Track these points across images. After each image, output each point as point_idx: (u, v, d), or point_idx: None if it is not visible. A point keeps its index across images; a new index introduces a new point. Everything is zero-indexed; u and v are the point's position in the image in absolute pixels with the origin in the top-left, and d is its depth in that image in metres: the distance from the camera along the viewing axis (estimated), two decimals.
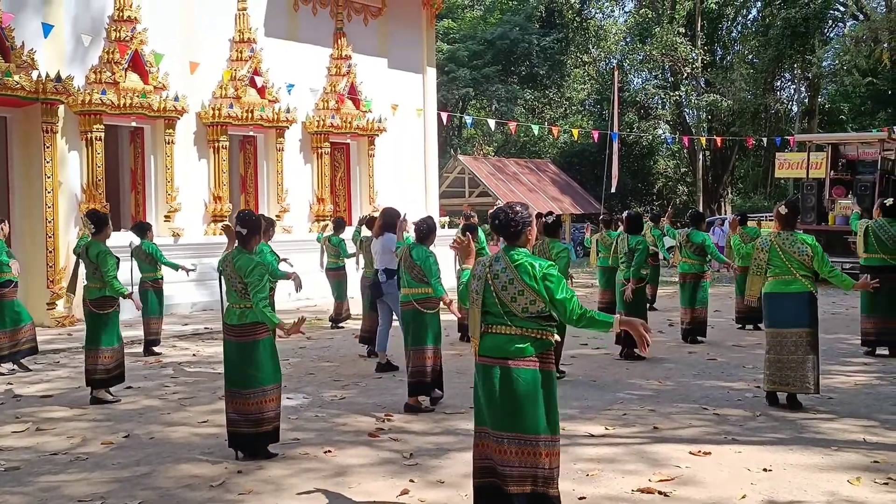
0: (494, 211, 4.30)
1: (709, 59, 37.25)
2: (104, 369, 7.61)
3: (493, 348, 4.17)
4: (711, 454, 5.69)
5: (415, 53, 19.75)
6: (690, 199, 39.12)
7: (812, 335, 7.04)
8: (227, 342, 5.89)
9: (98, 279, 7.56)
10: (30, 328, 9.39)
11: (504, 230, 4.22)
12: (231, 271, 5.81)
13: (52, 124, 12.77)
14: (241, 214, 6.02)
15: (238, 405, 5.75)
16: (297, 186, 16.93)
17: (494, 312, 4.18)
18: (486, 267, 4.23)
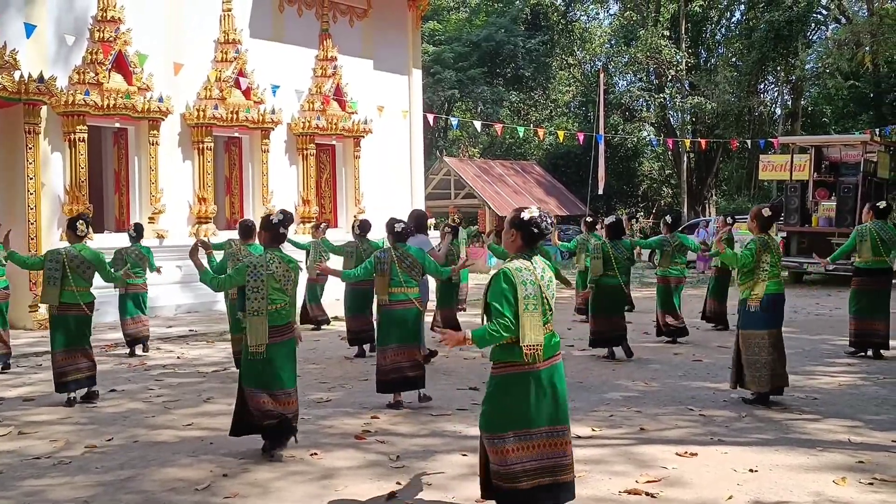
0: (540, 216, 4.30)
1: (693, 61, 37.44)
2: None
3: (551, 347, 4.32)
4: (698, 455, 5.70)
5: (400, 55, 19.73)
6: (675, 201, 39.30)
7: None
8: (283, 342, 5.84)
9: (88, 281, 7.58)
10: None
11: (543, 236, 4.32)
12: (284, 271, 5.81)
13: (34, 125, 12.66)
14: (289, 215, 6.01)
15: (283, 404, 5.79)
16: (283, 188, 16.86)
17: (544, 312, 4.29)
18: (533, 272, 4.25)
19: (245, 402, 5.83)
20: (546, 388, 4.28)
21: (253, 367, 5.80)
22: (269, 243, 5.92)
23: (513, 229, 4.34)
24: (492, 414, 4.33)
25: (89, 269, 7.61)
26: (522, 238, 4.31)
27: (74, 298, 7.50)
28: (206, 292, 14.88)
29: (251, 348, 5.76)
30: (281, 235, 5.90)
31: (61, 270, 7.46)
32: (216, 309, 14.66)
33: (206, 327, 12.77)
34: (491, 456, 4.33)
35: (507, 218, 4.44)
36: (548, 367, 4.29)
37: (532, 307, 4.19)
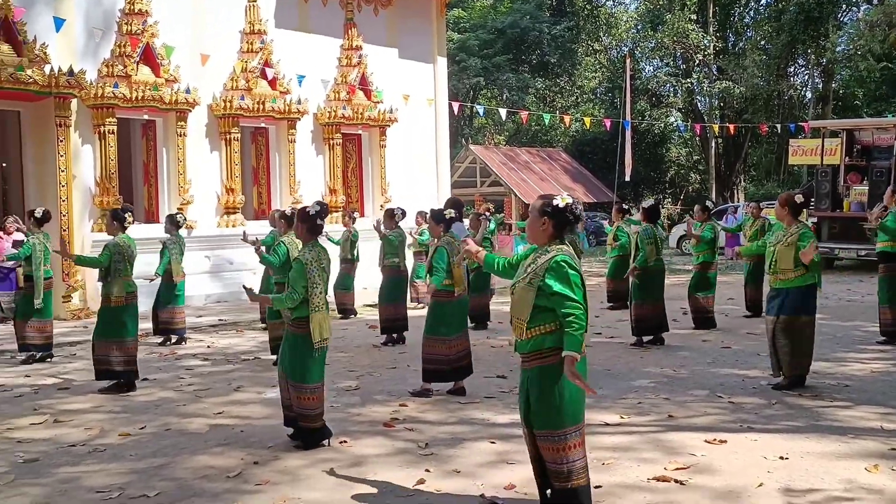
0: (574, 202, 4.21)
1: (721, 45, 36.99)
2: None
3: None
4: (727, 442, 5.67)
5: (425, 43, 19.69)
6: (703, 187, 38.93)
7: None
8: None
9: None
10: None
11: (577, 222, 4.28)
12: (329, 264, 5.86)
13: (65, 118, 12.81)
14: (325, 206, 5.98)
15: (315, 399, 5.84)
16: (309, 178, 16.93)
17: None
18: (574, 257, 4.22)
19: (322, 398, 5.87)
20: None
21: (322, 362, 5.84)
22: (308, 236, 5.86)
23: (544, 217, 4.18)
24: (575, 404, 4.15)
25: (134, 258, 7.86)
26: (555, 226, 4.17)
27: (131, 288, 7.80)
28: (235, 282, 15.03)
29: (317, 344, 5.69)
30: (319, 227, 5.86)
31: (124, 262, 7.70)
32: (245, 299, 14.77)
33: (235, 316, 12.89)
34: (575, 450, 4.14)
35: (535, 206, 4.24)
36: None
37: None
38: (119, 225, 7.90)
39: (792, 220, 7.18)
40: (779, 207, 7.29)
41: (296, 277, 5.67)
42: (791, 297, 7.12)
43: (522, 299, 4.14)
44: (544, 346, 4.11)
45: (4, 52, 12.04)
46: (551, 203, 4.18)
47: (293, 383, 5.73)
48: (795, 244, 7.02)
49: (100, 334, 7.78)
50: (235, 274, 15.02)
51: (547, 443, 4.13)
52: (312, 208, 5.85)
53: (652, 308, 9.70)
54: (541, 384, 4.11)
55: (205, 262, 14.63)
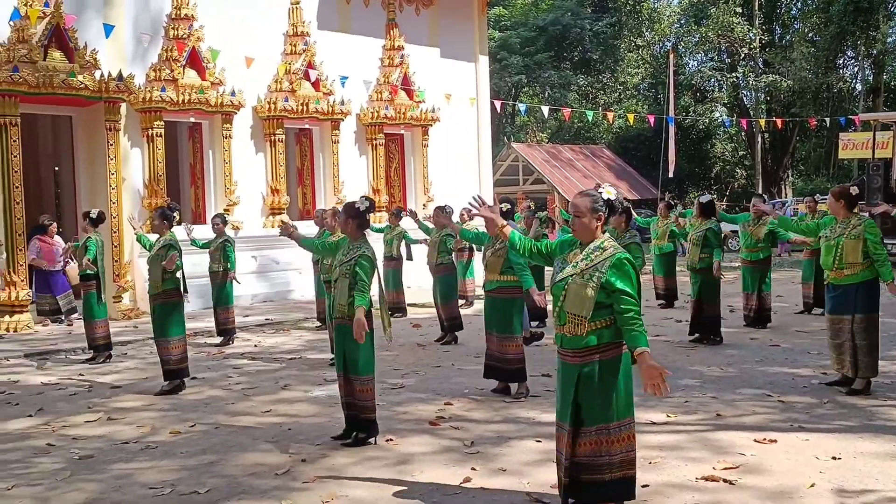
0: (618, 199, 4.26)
1: (767, 38, 36.37)
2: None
3: None
4: (777, 442, 5.59)
5: (467, 42, 19.69)
6: (749, 183, 38.35)
7: None
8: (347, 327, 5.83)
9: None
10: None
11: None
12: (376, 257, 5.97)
13: (114, 122, 13.08)
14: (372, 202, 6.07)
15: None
16: (353, 178, 17.05)
17: None
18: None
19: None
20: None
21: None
22: (357, 232, 5.90)
23: (599, 213, 4.17)
24: (630, 396, 4.26)
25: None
26: (605, 221, 4.23)
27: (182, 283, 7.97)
28: (281, 281, 15.21)
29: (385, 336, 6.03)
30: (367, 222, 5.98)
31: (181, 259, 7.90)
32: (291, 298, 14.97)
33: (281, 316, 13.03)
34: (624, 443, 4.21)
35: (584, 203, 4.19)
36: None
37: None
38: (168, 224, 8.04)
39: (848, 212, 7.00)
40: (832, 201, 7.09)
41: (367, 273, 5.76)
42: (863, 292, 6.88)
43: (580, 295, 4.13)
44: (603, 342, 4.16)
45: (56, 59, 12.33)
46: (601, 198, 4.20)
47: (360, 377, 5.85)
48: (863, 236, 6.81)
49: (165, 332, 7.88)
50: (281, 274, 15.21)
51: (597, 437, 4.16)
52: (361, 203, 5.90)
53: (711, 308, 9.59)
54: (602, 378, 4.16)
55: (251, 262, 14.81)
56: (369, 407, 5.87)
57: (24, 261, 12.20)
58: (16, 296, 11.99)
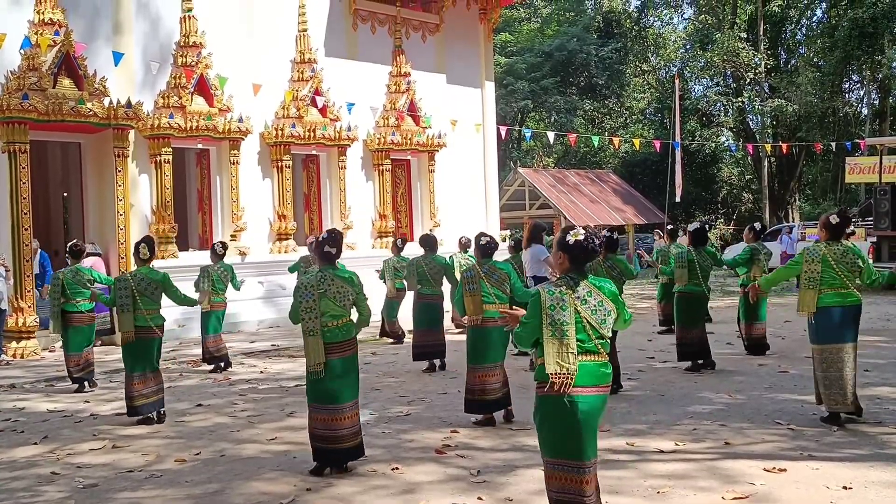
0: (587, 237, 4.22)
1: (772, 63, 36.49)
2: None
3: (596, 376, 4.17)
4: (787, 471, 5.53)
5: (473, 68, 19.82)
6: (756, 207, 38.31)
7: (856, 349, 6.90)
8: (335, 361, 5.85)
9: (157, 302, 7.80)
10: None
11: (593, 255, 4.30)
12: (339, 288, 5.90)
13: (123, 149, 13.18)
14: (332, 234, 6.07)
15: (334, 420, 5.83)
16: (360, 203, 17.11)
17: (584, 339, 4.16)
18: (569, 293, 4.17)
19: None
20: (580, 415, 4.10)
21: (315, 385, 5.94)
22: (320, 262, 6.10)
23: (560, 251, 4.27)
24: (540, 437, 4.30)
25: (157, 290, 7.74)
26: (569, 260, 4.25)
27: (146, 322, 7.62)
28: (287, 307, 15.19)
29: (309, 367, 5.89)
30: (326, 254, 6.00)
31: (131, 296, 7.59)
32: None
33: (288, 342, 13.01)
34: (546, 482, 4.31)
35: (555, 238, 4.37)
36: (583, 395, 4.11)
37: (556, 334, 4.11)
38: (137, 258, 7.92)
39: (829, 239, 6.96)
40: (819, 229, 7.05)
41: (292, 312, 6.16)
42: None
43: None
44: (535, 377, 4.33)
45: (66, 87, 12.45)
46: (564, 238, 4.26)
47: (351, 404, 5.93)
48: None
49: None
50: (288, 299, 15.17)
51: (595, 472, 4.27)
52: (314, 236, 6.19)
53: (691, 333, 9.54)
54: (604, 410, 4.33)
55: (258, 287, 14.83)
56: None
57: (31, 287, 12.24)
58: (23, 322, 12.01)
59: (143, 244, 7.86)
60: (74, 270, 9.34)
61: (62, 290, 9.22)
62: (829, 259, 6.76)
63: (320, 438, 5.85)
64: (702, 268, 9.55)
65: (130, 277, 7.74)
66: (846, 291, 6.78)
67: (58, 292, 9.23)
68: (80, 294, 9.30)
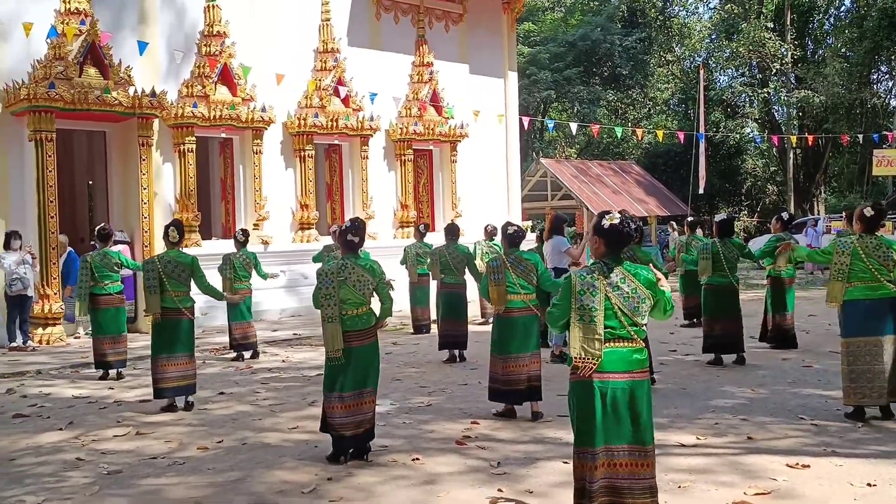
0: (623, 222, 4.21)
1: (799, 53, 36.03)
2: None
3: (628, 362, 4.15)
4: (810, 467, 5.48)
5: (496, 58, 19.75)
6: (780, 199, 37.94)
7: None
8: (355, 349, 5.91)
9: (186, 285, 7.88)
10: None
11: (629, 239, 4.26)
12: (359, 276, 5.93)
13: (147, 138, 13.27)
14: (355, 223, 6.09)
15: (356, 406, 5.88)
16: (382, 193, 17.13)
17: (615, 326, 4.15)
18: (601, 279, 4.15)
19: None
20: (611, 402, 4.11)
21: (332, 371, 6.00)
22: (343, 250, 6.15)
23: (595, 236, 4.28)
24: (575, 424, 4.27)
25: (184, 272, 7.79)
26: (605, 245, 4.25)
27: (174, 303, 7.71)
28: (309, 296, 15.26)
29: (328, 354, 5.95)
30: (349, 243, 6.04)
31: (157, 278, 7.66)
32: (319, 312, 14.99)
33: (310, 331, 13.08)
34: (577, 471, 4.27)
35: (592, 223, 4.38)
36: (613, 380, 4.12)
37: (584, 319, 4.11)
38: (166, 240, 8.02)
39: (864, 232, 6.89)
40: (854, 221, 6.97)
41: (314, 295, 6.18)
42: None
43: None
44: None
45: (92, 76, 12.54)
46: (600, 222, 4.26)
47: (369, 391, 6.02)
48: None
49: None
50: (310, 288, 15.23)
51: (648, 458, 4.19)
52: (337, 226, 6.20)
53: (716, 325, 9.46)
54: (649, 396, 4.26)
55: (280, 276, 14.89)
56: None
57: (57, 274, 12.38)
58: (48, 308, 12.16)
59: (172, 227, 7.96)
60: (103, 254, 9.47)
61: (91, 274, 9.34)
62: (860, 251, 6.71)
63: (336, 427, 5.88)
64: (727, 259, 9.44)
65: (158, 260, 7.83)
66: (876, 284, 6.70)
67: (87, 275, 9.36)
68: (109, 277, 9.44)
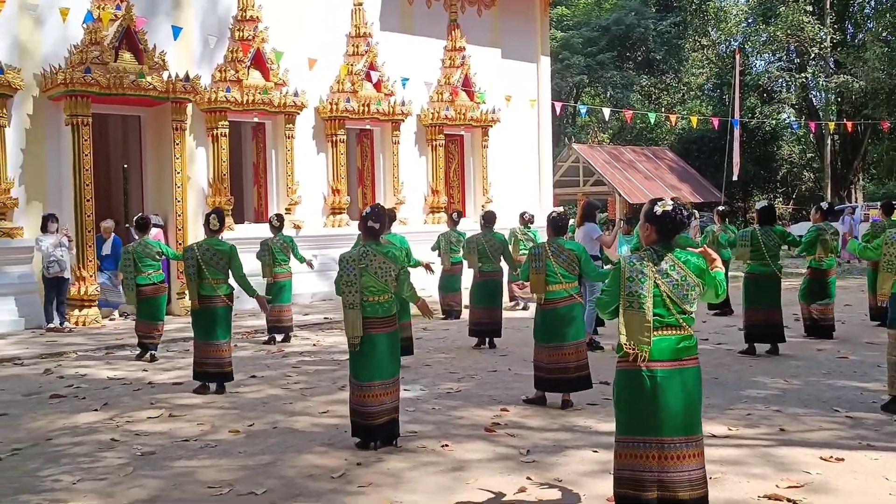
0: (676, 208, 4.16)
1: (839, 38, 35.33)
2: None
3: (675, 350, 4.09)
4: (844, 460, 5.40)
5: (528, 43, 19.60)
6: (817, 186, 37.36)
7: None
8: (376, 336, 5.91)
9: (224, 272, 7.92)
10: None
11: (682, 226, 4.19)
12: (381, 264, 5.91)
13: (181, 122, 13.37)
14: (375, 209, 6.08)
15: (385, 395, 5.90)
16: (413, 178, 17.13)
17: (664, 314, 4.10)
18: (650, 266, 4.11)
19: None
20: (657, 391, 4.05)
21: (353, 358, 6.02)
22: (366, 237, 6.10)
23: (647, 222, 4.23)
24: (618, 412, 4.25)
25: (223, 260, 7.83)
26: (656, 231, 4.20)
27: (212, 290, 7.78)
28: None
29: (348, 340, 5.97)
30: (370, 229, 6.01)
31: (196, 265, 7.74)
32: None
33: (341, 315, 13.09)
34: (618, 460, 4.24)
35: (643, 209, 4.32)
36: (662, 369, 4.07)
37: (633, 306, 4.07)
38: (206, 228, 8.00)
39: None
40: None
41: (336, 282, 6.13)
42: None
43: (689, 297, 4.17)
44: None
45: (127, 61, 12.65)
46: (652, 209, 4.21)
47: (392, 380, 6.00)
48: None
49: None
50: None
51: (696, 448, 4.12)
52: (366, 210, 6.12)
53: (757, 314, 9.34)
54: (697, 385, 4.17)
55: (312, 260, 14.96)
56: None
57: (93, 257, 12.55)
58: (84, 290, 12.34)
59: (213, 215, 8.00)
60: (144, 243, 9.59)
61: (134, 264, 9.46)
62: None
63: (361, 414, 5.90)
64: (768, 247, 9.29)
65: (196, 248, 7.89)
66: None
67: (130, 266, 9.48)
68: (150, 266, 9.55)
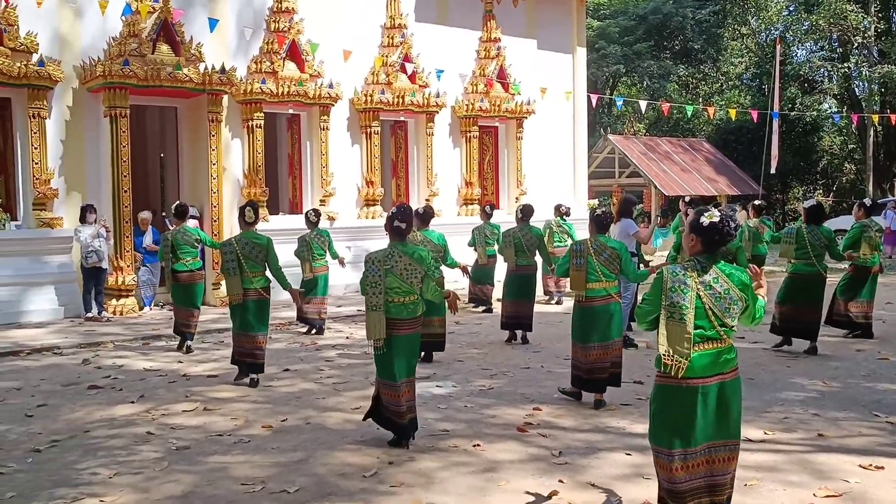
0: (723, 220, 4.08)
1: (883, 27, 34.52)
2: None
3: (718, 364, 4.07)
4: (885, 469, 5.30)
5: (564, 33, 19.42)
6: (858, 179, 36.63)
7: None
8: (401, 337, 5.90)
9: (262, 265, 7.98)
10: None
11: (728, 238, 4.12)
12: (406, 265, 5.88)
13: (216, 114, 13.46)
14: (402, 209, 6.05)
15: (409, 392, 5.94)
16: (446, 170, 17.09)
17: (705, 326, 4.05)
18: (693, 276, 4.06)
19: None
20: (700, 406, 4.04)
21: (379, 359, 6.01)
22: (392, 238, 6.02)
23: (692, 233, 4.16)
24: (654, 425, 4.22)
25: (260, 253, 7.89)
26: (702, 243, 4.14)
27: (250, 284, 7.86)
28: None
29: (371, 342, 5.99)
30: (396, 229, 5.96)
31: (236, 260, 7.81)
32: None
33: None
34: (657, 470, 4.24)
35: (688, 219, 4.26)
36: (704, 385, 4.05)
37: (674, 317, 4.02)
38: (242, 221, 8.06)
39: None
40: None
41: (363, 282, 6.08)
42: None
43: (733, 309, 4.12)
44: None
45: (164, 53, 12.75)
46: (698, 220, 4.14)
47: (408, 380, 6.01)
48: None
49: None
50: None
51: (735, 451, 4.20)
52: (391, 211, 6.05)
53: (794, 311, 9.19)
54: (739, 393, 4.20)
55: (346, 252, 15.01)
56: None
57: (130, 247, 12.71)
58: (122, 280, 12.50)
59: (248, 208, 8.04)
60: (183, 231, 9.70)
61: (172, 251, 9.56)
62: None
63: (392, 413, 5.92)
64: (813, 246, 9.13)
65: (235, 242, 7.94)
66: None
67: (168, 252, 9.60)
68: (189, 253, 9.67)
